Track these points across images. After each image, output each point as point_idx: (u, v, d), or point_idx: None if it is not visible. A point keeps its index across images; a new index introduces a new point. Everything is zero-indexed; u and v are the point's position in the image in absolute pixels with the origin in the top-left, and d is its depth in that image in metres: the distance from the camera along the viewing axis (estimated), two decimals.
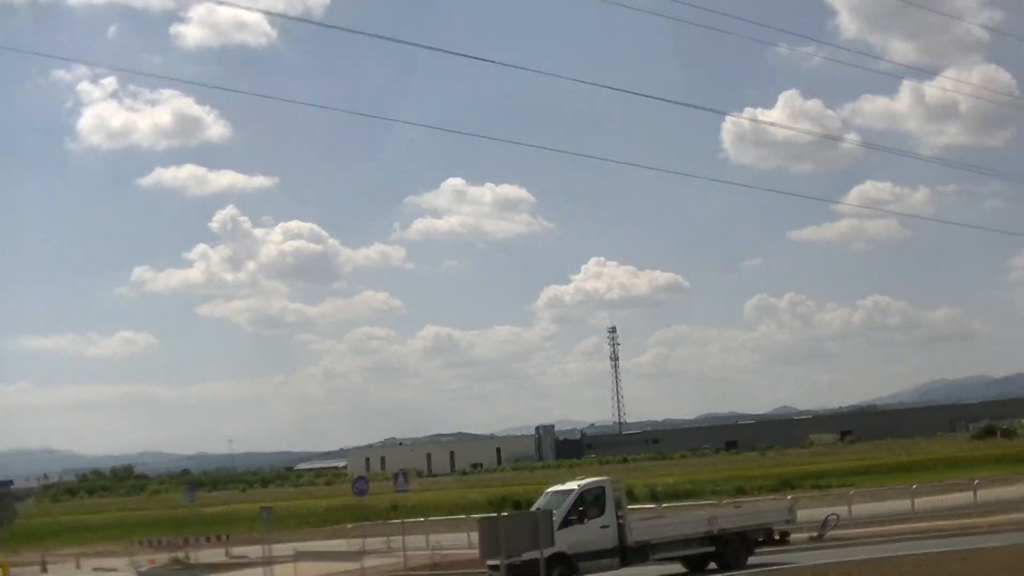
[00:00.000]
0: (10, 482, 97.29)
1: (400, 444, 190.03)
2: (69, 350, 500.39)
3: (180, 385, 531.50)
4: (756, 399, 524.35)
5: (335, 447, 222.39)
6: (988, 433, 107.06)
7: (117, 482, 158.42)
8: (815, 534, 32.53)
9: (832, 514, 33.66)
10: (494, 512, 39.00)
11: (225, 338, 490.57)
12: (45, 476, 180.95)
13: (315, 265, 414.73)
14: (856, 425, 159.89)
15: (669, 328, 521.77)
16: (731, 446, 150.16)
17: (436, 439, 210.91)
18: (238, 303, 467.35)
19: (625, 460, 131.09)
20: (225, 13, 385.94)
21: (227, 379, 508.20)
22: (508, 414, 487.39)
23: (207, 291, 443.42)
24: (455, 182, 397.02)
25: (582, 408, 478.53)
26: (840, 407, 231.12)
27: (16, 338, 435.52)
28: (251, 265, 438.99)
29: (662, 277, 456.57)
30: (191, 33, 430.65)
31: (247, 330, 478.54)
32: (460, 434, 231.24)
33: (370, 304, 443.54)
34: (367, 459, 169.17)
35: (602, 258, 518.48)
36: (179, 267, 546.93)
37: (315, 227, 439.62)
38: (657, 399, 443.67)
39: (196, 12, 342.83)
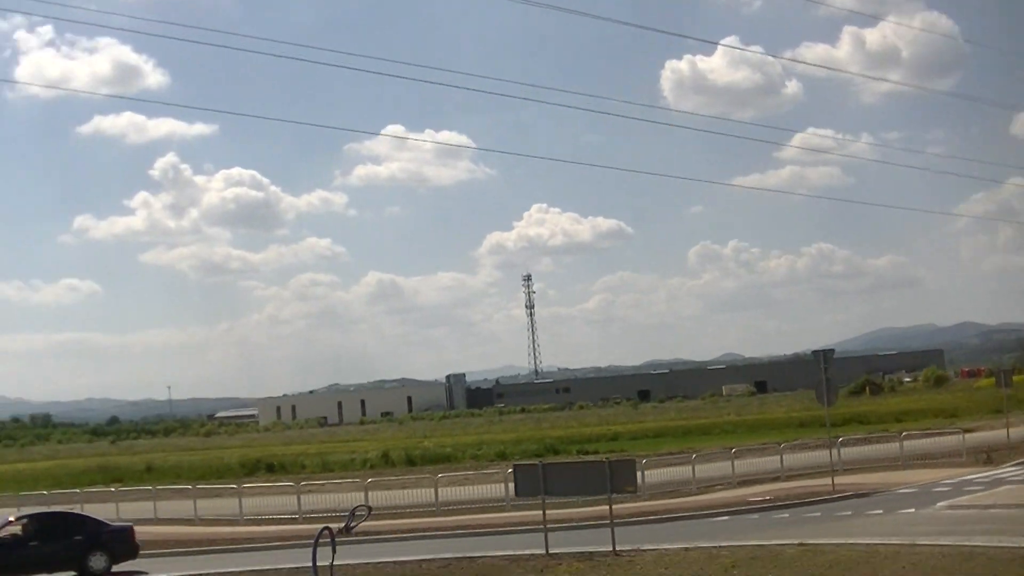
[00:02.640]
0: None
1: (350, 390, 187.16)
2: (14, 297, 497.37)
3: (125, 332, 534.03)
4: (702, 346, 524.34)
5: (279, 393, 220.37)
6: (863, 389, 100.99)
7: (23, 430, 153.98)
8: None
9: (361, 505, 28.22)
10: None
11: (169, 285, 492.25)
12: None
13: (258, 212, 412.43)
14: (775, 376, 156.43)
15: (614, 275, 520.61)
16: (643, 396, 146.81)
17: (380, 385, 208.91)
18: (181, 250, 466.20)
19: (523, 410, 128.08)
20: None
21: (172, 326, 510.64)
22: (454, 359, 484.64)
23: (150, 239, 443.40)
24: (395, 128, 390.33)
25: (525, 354, 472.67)
26: (785, 354, 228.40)
27: None
28: (193, 212, 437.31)
29: (605, 224, 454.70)
30: None
31: (191, 277, 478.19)
32: (404, 380, 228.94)
33: (314, 250, 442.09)
34: (278, 408, 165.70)
35: (544, 205, 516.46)
36: (121, 215, 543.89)
37: (256, 174, 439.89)
38: (603, 345, 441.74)
39: None
